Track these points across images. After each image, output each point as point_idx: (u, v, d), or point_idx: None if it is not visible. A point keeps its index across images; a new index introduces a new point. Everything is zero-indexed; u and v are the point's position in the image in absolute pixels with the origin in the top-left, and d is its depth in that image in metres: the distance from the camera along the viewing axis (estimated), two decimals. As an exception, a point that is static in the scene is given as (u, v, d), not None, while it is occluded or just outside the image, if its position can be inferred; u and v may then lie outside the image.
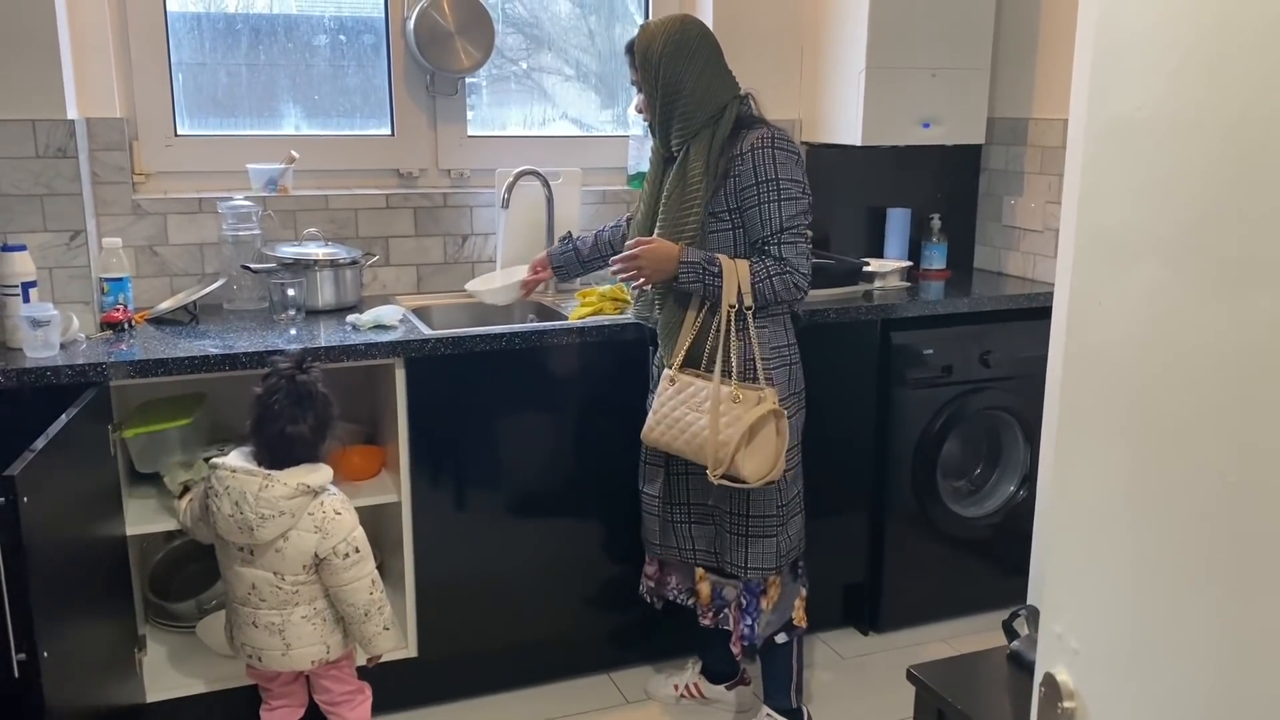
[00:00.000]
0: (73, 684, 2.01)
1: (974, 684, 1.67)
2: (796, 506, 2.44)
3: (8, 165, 2.39)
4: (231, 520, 2.09)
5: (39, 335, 2.28)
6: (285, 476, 2.09)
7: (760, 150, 2.20)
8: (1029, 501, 3.06)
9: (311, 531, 2.11)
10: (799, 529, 2.45)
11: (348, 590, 2.14)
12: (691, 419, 2.24)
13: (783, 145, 2.22)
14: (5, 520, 1.75)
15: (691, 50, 2.25)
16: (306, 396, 2.12)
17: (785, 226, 2.21)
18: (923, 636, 3.07)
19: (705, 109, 2.26)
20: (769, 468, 2.22)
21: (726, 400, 2.20)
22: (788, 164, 2.21)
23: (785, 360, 2.33)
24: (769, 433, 2.21)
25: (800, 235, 2.22)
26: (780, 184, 2.20)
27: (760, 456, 2.20)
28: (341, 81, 3.06)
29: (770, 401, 2.21)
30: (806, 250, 2.24)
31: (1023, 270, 3.39)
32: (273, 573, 2.12)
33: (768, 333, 2.30)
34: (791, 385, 2.35)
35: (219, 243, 2.82)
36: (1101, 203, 0.87)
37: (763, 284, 2.21)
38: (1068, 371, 0.92)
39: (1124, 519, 0.85)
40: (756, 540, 2.37)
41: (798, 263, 2.22)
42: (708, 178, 2.23)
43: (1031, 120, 3.32)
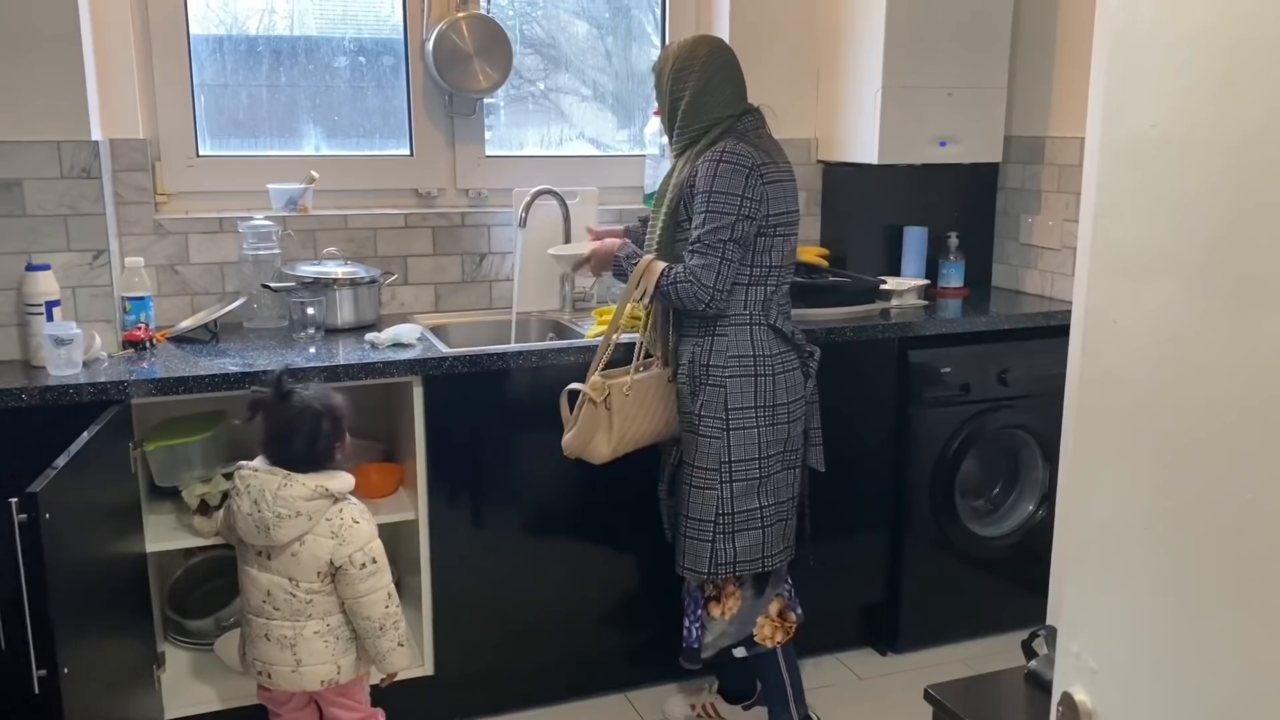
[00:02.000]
0: (93, 700, 2.02)
1: (992, 704, 1.66)
2: (754, 522, 2.38)
3: (33, 186, 2.42)
4: (250, 519, 2.10)
5: (62, 354, 2.31)
6: (304, 478, 2.11)
7: (707, 163, 2.26)
8: (1048, 521, 3.04)
9: (328, 537, 2.11)
10: (753, 544, 2.39)
11: (363, 602, 2.14)
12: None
13: (730, 159, 2.24)
14: (28, 537, 1.76)
15: (695, 68, 2.32)
16: (285, 424, 2.13)
17: (701, 238, 2.25)
18: (941, 657, 3.05)
19: (697, 123, 2.32)
20: (574, 447, 2.35)
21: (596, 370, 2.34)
22: (727, 176, 2.23)
23: (748, 371, 2.33)
24: (589, 415, 2.31)
25: (713, 249, 2.24)
26: (711, 196, 2.24)
27: (574, 431, 2.33)
28: (361, 102, 3.09)
29: (596, 388, 2.29)
30: (716, 265, 2.24)
31: (1041, 288, 3.38)
32: (288, 579, 2.13)
33: (727, 340, 2.32)
34: (756, 398, 2.34)
35: (239, 262, 2.84)
36: (1117, 221, 0.87)
37: (668, 287, 2.27)
38: (1084, 390, 0.92)
39: (1142, 538, 0.84)
40: (691, 541, 2.38)
41: (701, 274, 2.24)
42: (678, 189, 2.32)
43: (1049, 139, 3.31)
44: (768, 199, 2.28)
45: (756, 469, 2.36)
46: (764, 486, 2.38)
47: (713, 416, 2.33)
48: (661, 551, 2.80)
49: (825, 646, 3.08)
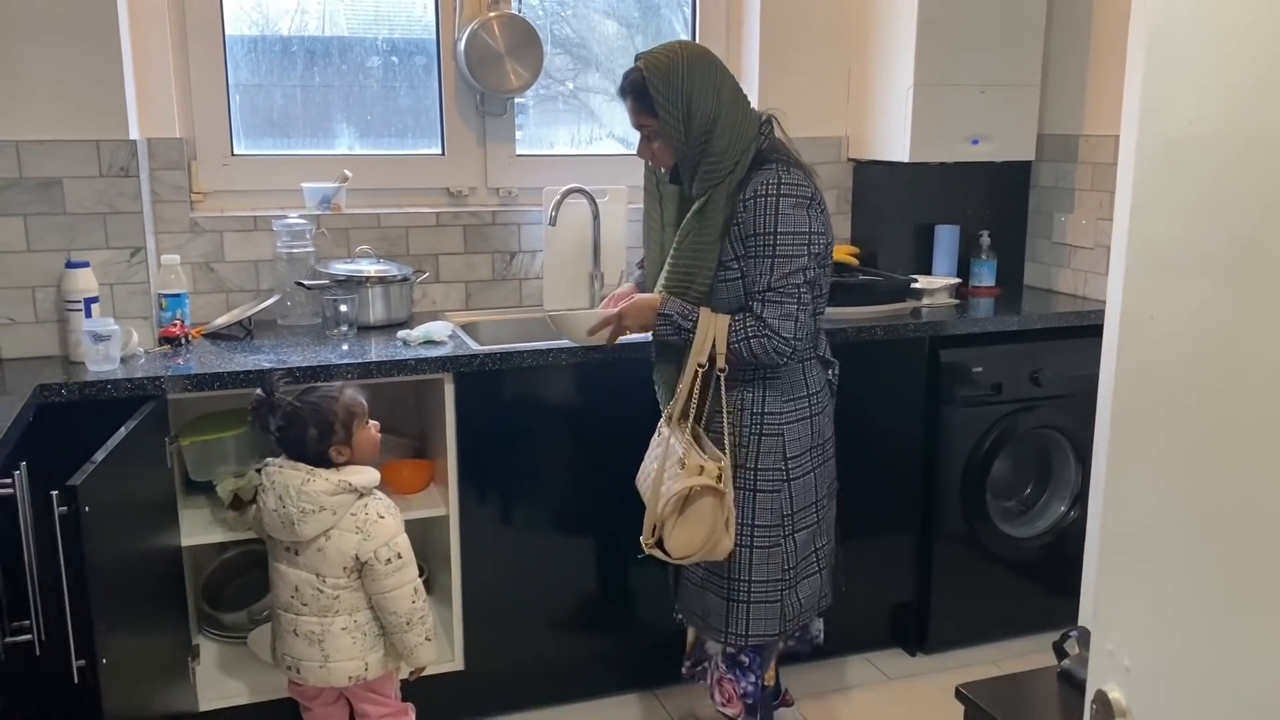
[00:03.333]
0: (130, 691, 2.05)
1: (1024, 703, 1.65)
2: (812, 566, 2.26)
3: (73, 185, 2.46)
4: (275, 515, 2.13)
5: (100, 349, 2.35)
6: (328, 473, 2.13)
7: (763, 199, 2.02)
8: (1080, 522, 3.02)
9: (353, 532, 2.13)
10: (814, 590, 2.28)
11: (389, 597, 2.16)
12: (651, 470, 2.15)
13: (789, 190, 2.02)
14: (68, 529, 1.79)
15: (718, 80, 2.08)
16: (283, 422, 2.15)
17: (773, 285, 2.03)
18: (971, 658, 3.03)
19: (736, 147, 2.07)
20: (697, 546, 2.05)
21: (674, 462, 2.06)
22: (791, 213, 2.02)
23: (803, 414, 2.18)
24: (704, 508, 2.04)
25: (789, 296, 2.04)
26: (778, 238, 2.02)
27: (689, 531, 2.04)
28: (394, 102, 3.12)
29: (710, 474, 2.03)
30: (794, 312, 2.05)
31: (1074, 288, 3.35)
32: (315, 574, 2.15)
33: (782, 384, 2.15)
34: (812, 439, 2.20)
35: (274, 260, 2.88)
36: (1153, 218, 0.87)
37: (740, 344, 2.06)
38: (1119, 387, 0.91)
39: (1177, 535, 0.84)
40: (757, 605, 2.20)
41: (779, 325, 2.04)
42: (720, 225, 2.08)
43: (1083, 137, 3.29)
44: (828, 229, 2.11)
45: (814, 513, 2.23)
46: (821, 526, 2.27)
47: (772, 469, 2.15)
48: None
49: (854, 646, 3.07)
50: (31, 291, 2.48)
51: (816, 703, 2.83)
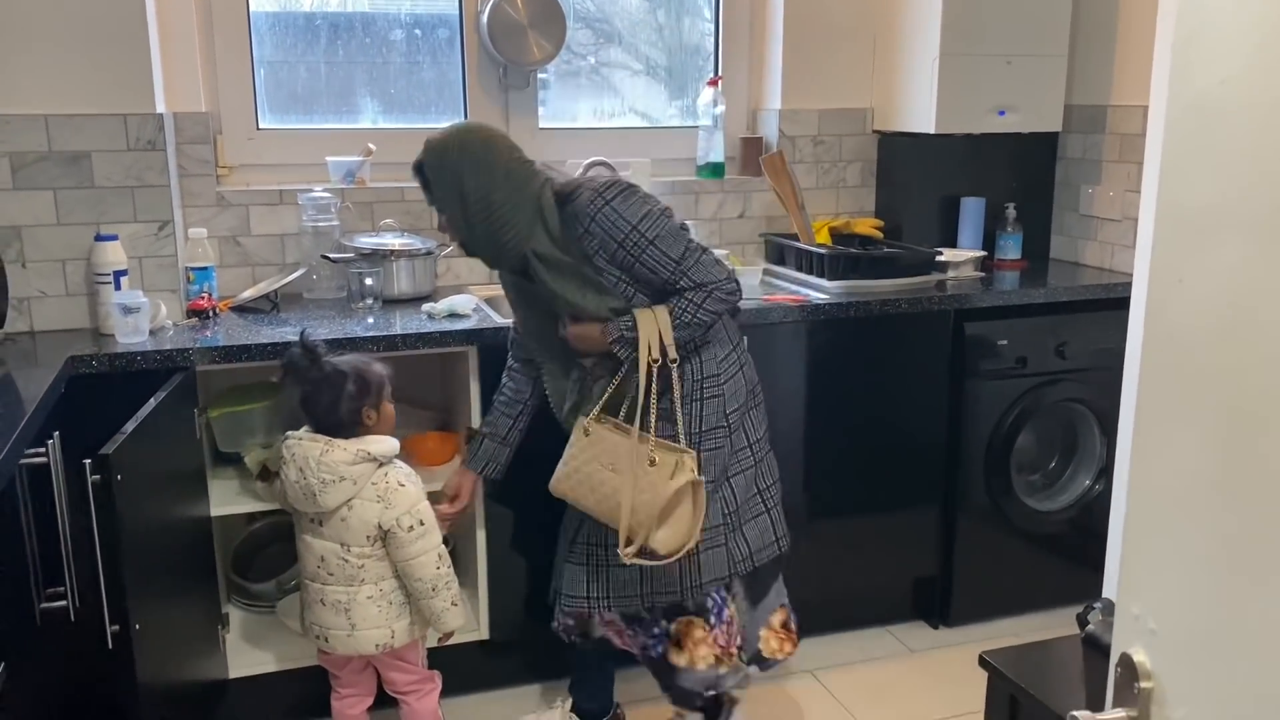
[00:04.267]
0: (162, 657, 2.08)
1: (1048, 670, 1.65)
2: (758, 507, 2.28)
3: (101, 159, 2.49)
4: (297, 487, 2.15)
5: (130, 322, 2.37)
6: (346, 443, 2.14)
7: (598, 215, 2.02)
8: (1104, 496, 3.01)
9: (374, 501, 2.14)
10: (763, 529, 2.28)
11: (414, 564, 2.18)
12: (604, 478, 2.10)
13: (608, 192, 2.03)
14: (101, 497, 1.82)
15: (491, 158, 2.07)
16: (314, 386, 2.16)
17: (676, 258, 2.05)
18: (993, 631, 3.04)
19: (525, 210, 2.06)
20: (683, 540, 2.06)
21: (643, 464, 2.05)
22: (629, 204, 2.03)
23: (735, 367, 2.20)
24: (685, 507, 2.06)
25: (694, 251, 2.06)
26: (641, 226, 2.03)
27: (674, 529, 2.06)
28: (417, 75, 3.12)
29: (689, 469, 2.04)
30: (709, 259, 2.07)
31: (1100, 260, 3.32)
32: (339, 544, 2.16)
33: (713, 346, 2.17)
34: (746, 385, 2.22)
35: (299, 233, 2.89)
36: (1184, 180, 0.86)
37: (696, 315, 2.06)
38: (1147, 352, 0.91)
39: (1206, 499, 0.84)
40: (698, 555, 2.19)
41: (715, 274, 2.07)
42: (575, 261, 2.08)
43: (1110, 107, 3.25)
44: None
45: (749, 455, 2.25)
46: (759, 470, 2.28)
47: (716, 426, 2.17)
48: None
49: (877, 619, 3.08)
50: (62, 265, 2.50)
51: (839, 674, 2.85)
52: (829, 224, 3.25)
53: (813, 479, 2.87)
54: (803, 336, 2.78)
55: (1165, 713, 0.88)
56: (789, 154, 3.26)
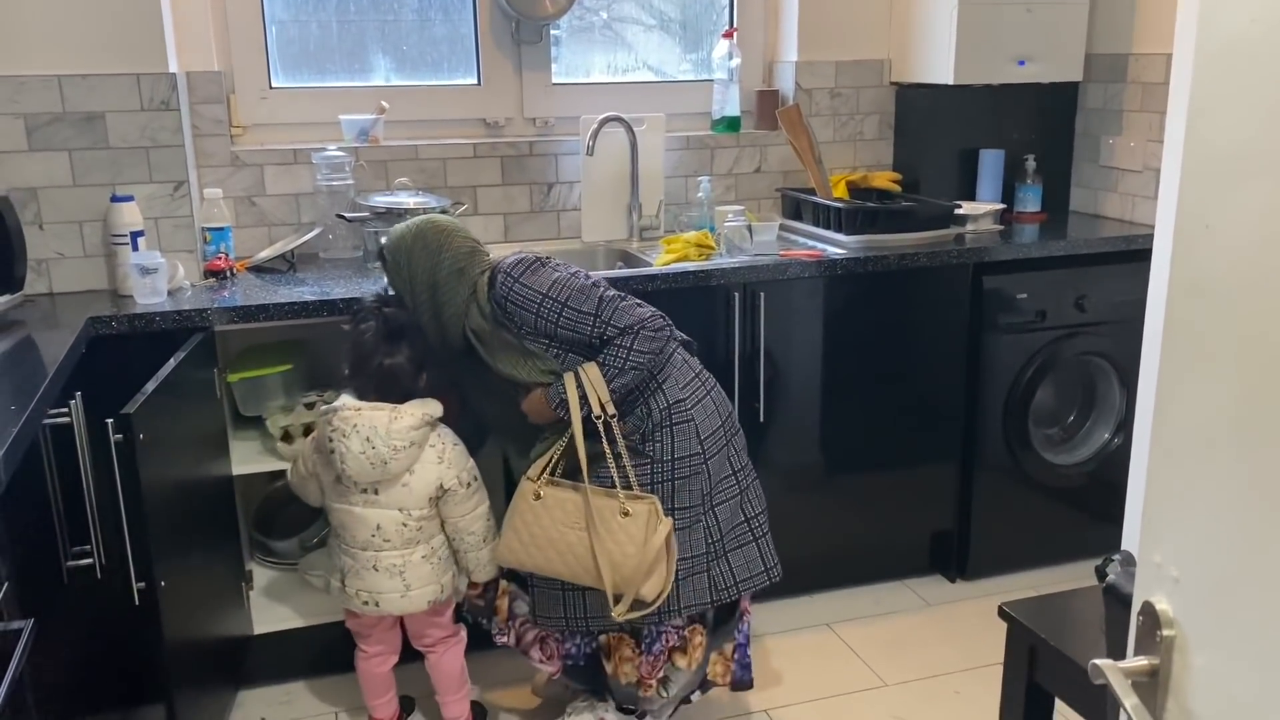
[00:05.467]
0: (188, 613, 2.12)
1: (1068, 621, 1.66)
2: (745, 535, 2.25)
3: (116, 119, 2.48)
4: (363, 458, 2.09)
5: (148, 283, 2.38)
6: (409, 408, 2.13)
7: (510, 292, 2.10)
8: (1123, 449, 3.00)
9: (435, 462, 2.15)
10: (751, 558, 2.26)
11: (469, 519, 2.20)
12: (572, 540, 2.10)
13: (516, 270, 2.11)
14: (124, 456, 1.84)
15: (441, 249, 2.16)
16: (397, 329, 2.16)
17: (595, 312, 2.08)
18: (1011, 584, 3.04)
19: (462, 290, 2.15)
20: (665, 582, 2.09)
21: (614, 517, 2.07)
22: (537, 273, 2.11)
23: (702, 392, 2.21)
24: (662, 552, 2.08)
25: (609, 300, 2.08)
26: (550, 293, 2.08)
27: (658, 577, 2.09)
28: (429, 32, 3.09)
29: (664, 518, 2.07)
30: (632, 303, 2.10)
31: (1121, 212, 3.29)
32: (398, 509, 2.15)
33: (673, 374, 2.17)
34: (719, 412, 2.22)
35: (314, 193, 2.89)
36: (1212, 122, 0.85)
37: (629, 359, 2.06)
38: (1172, 299, 0.90)
39: (1229, 446, 0.83)
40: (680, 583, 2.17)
41: (636, 315, 2.08)
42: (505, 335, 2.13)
43: (1132, 56, 3.19)
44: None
45: (734, 483, 2.23)
46: (746, 497, 2.26)
47: (689, 454, 2.15)
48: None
49: (895, 573, 3.09)
50: (79, 226, 2.51)
51: (856, 627, 2.86)
52: (846, 178, 3.22)
53: (831, 434, 2.87)
54: (820, 292, 2.76)
55: (1187, 660, 0.88)
56: (805, 107, 3.22)
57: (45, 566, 1.78)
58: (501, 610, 2.36)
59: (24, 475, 1.61)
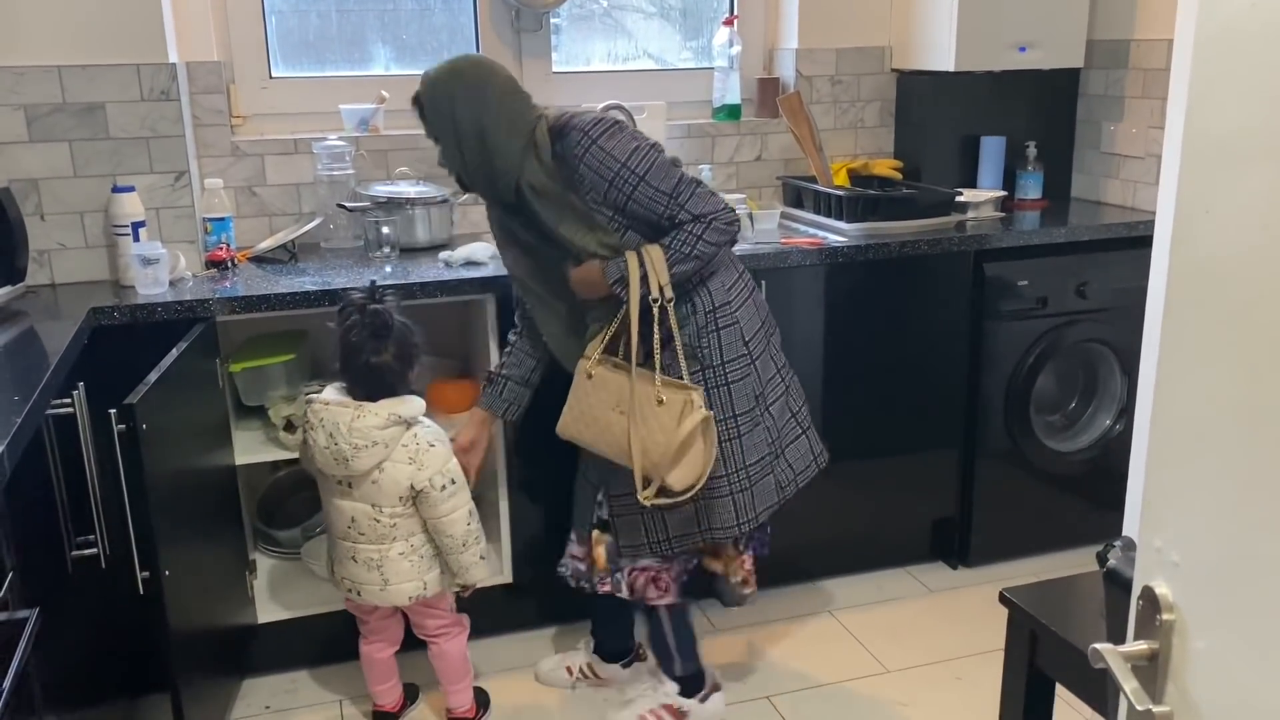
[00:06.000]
0: (192, 603, 2.12)
1: (1069, 606, 1.66)
2: (795, 430, 2.27)
3: (117, 110, 2.48)
4: (327, 452, 2.13)
5: (149, 273, 2.38)
6: (376, 407, 2.12)
7: (585, 152, 2.00)
8: (1124, 436, 3.00)
9: (406, 463, 2.14)
10: (802, 452, 2.29)
11: (445, 522, 2.19)
12: (612, 420, 2.09)
13: (595, 129, 2.01)
14: (127, 446, 1.85)
15: (485, 89, 2.06)
16: (383, 326, 2.13)
17: (670, 191, 2.01)
18: (1012, 571, 3.05)
19: (515, 142, 2.05)
20: (698, 474, 2.05)
21: (650, 404, 2.04)
22: (616, 137, 2.01)
23: (746, 293, 2.17)
24: (698, 445, 2.04)
25: (688, 183, 2.02)
26: (629, 162, 2.00)
27: (689, 467, 2.04)
28: (429, 20, 3.09)
29: (699, 409, 2.02)
30: (705, 192, 2.03)
31: (1122, 199, 3.28)
32: (370, 505, 2.17)
33: (719, 275, 2.13)
34: (759, 312, 2.20)
35: (314, 183, 2.89)
36: (1212, 106, 0.85)
37: (695, 248, 2.02)
38: (1172, 284, 0.90)
39: (1229, 430, 0.83)
40: (744, 494, 2.20)
41: (712, 205, 2.02)
42: (571, 197, 2.05)
43: (1134, 42, 3.19)
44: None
45: (779, 382, 2.24)
46: (790, 393, 2.28)
47: (737, 356, 2.14)
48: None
49: (896, 560, 3.10)
50: (80, 217, 2.51)
51: (858, 614, 2.87)
52: (847, 165, 3.22)
53: (833, 421, 2.87)
54: (821, 280, 2.76)
55: (1187, 644, 0.88)
56: (806, 94, 3.22)
57: (50, 556, 1.79)
58: (600, 559, 2.31)
59: (27, 466, 1.61)
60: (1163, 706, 0.89)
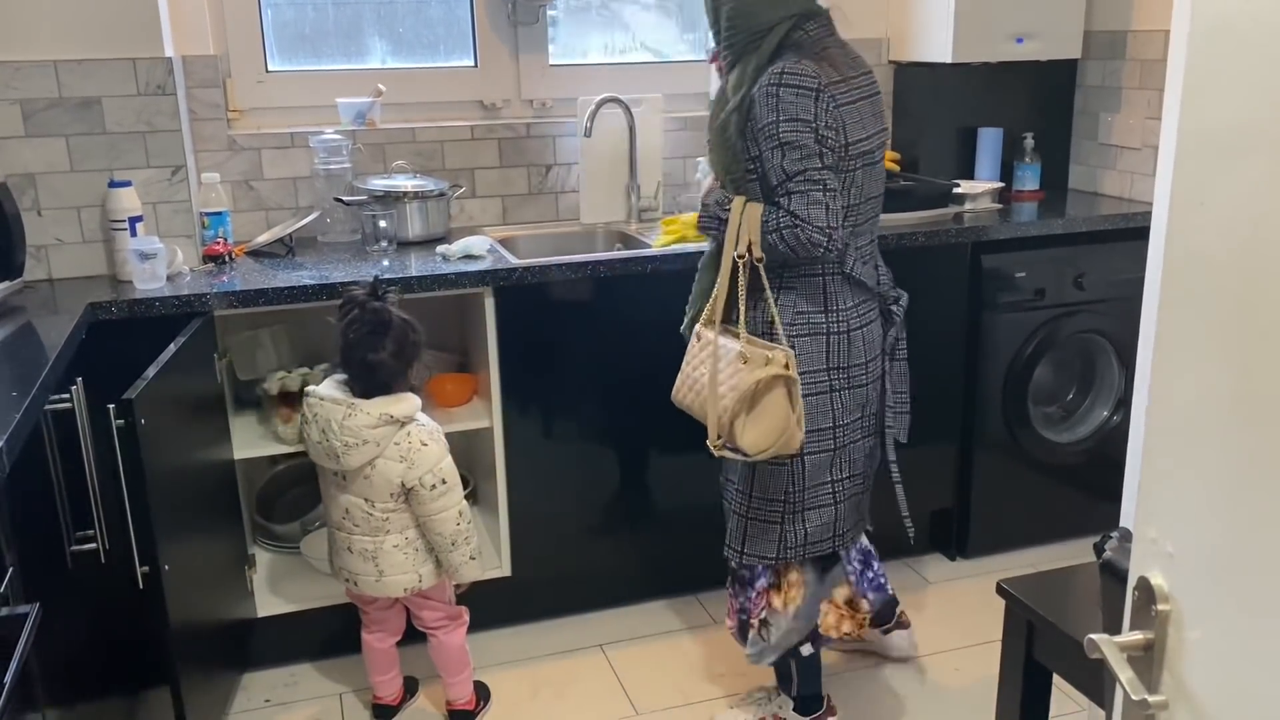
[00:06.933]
0: (191, 597, 2.13)
1: (1065, 597, 1.67)
2: (825, 498, 2.14)
3: (113, 104, 2.47)
4: (320, 447, 2.15)
5: (147, 268, 2.38)
6: (369, 406, 2.11)
7: (765, 89, 1.92)
8: (1122, 427, 3.00)
9: (397, 461, 2.14)
10: (824, 523, 2.15)
11: (435, 520, 2.19)
12: (701, 374, 2.05)
13: (791, 80, 1.91)
14: (126, 441, 1.85)
15: None
16: (383, 323, 2.13)
17: (791, 174, 1.93)
18: (1010, 562, 3.06)
19: (745, 30, 1.98)
20: (773, 440, 1.96)
21: (733, 359, 1.98)
22: (793, 101, 1.91)
23: (818, 330, 2.05)
24: (775, 400, 1.95)
25: (813, 184, 1.92)
26: (779, 127, 1.92)
27: (763, 426, 1.95)
28: (425, 13, 3.08)
29: (779, 363, 1.95)
30: (822, 199, 1.92)
31: (1119, 190, 3.28)
32: (364, 499, 2.18)
33: (795, 295, 2.05)
34: (828, 359, 2.06)
35: (311, 177, 2.88)
36: (1207, 100, 0.85)
37: (771, 235, 1.95)
38: (1168, 276, 0.90)
39: (1224, 422, 0.84)
40: (754, 523, 2.15)
41: (808, 215, 1.91)
42: (739, 114, 1.98)
43: (1131, 33, 3.18)
44: (843, 125, 1.95)
45: (830, 439, 2.11)
46: (839, 458, 2.13)
47: (813, 370, 2.06)
48: (731, 457, 2.83)
49: (894, 552, 3.09)
50: (77, 212, 2.51)
51: (857, 606, 2.87)
52: (844, 157, 3.21)
53: (830, 414, 2.87)
54: (819, 272, 2.76)
55: (1182, 634, 0.88)
56: (803, 87, 3.21)
57: (49, 552, 1.79)
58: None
59: (26, 461, 1.61)
60: (1158, 696, 0.89)
